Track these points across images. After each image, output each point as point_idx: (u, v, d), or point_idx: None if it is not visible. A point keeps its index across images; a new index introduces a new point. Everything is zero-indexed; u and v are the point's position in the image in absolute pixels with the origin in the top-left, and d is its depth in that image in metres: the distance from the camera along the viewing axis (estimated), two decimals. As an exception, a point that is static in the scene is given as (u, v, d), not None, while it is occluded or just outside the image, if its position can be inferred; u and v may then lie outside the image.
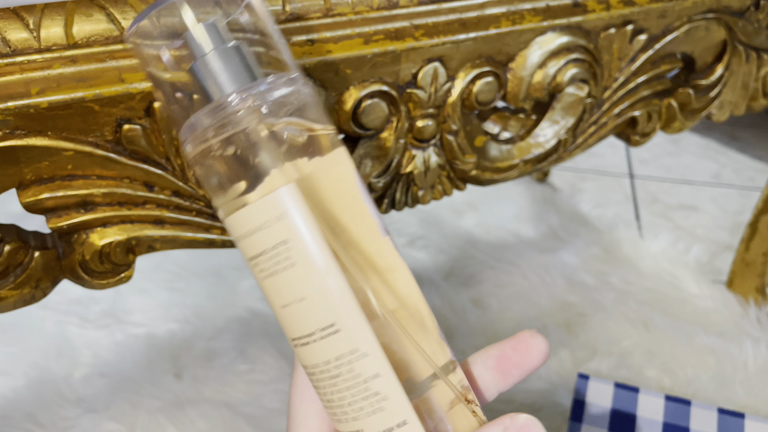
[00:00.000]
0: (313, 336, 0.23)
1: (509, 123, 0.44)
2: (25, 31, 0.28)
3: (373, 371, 0.23)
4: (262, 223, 0.23)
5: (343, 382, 0.23)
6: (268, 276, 0.23)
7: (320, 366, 0.23)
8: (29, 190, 0.31)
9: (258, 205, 0.23)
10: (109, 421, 0.58)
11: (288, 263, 0.23)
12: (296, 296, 0.23)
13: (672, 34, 0.44)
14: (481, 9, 0.37)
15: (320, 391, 0.24)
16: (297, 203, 0.23)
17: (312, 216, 0.23)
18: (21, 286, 0.33)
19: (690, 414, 0.46)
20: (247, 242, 0.23)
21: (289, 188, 0.23)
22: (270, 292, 0.24)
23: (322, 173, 0.24)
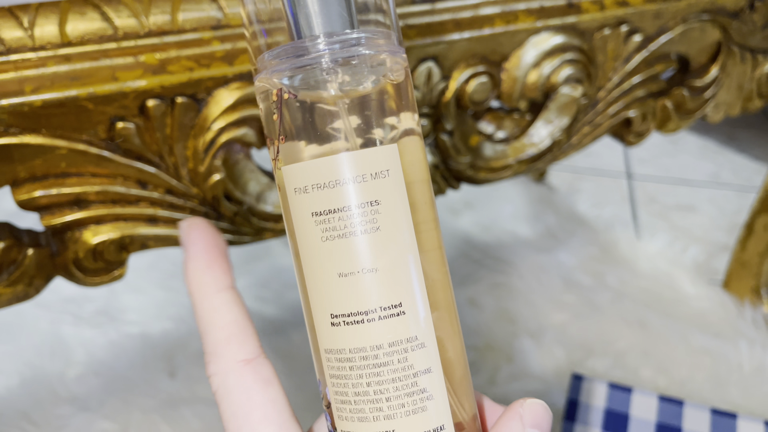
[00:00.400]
0: (371, 314, 0.21)
1: (504, 122, 0.44)
2: (20, 29, 0.28)
3: (426, 365, 0.21)
4: (355, 176, 0.20)
5: (390, 372, 0.21)
6: (338, 236, 0.21)
7: (366, 351, 0.21)
8: (23, 188, 0.31)
9: (356, 155, 0.20)
10: (103, 419, 0.58)
11: (371, 226, 0.20)
12: (367, 265, 0.21)
13: (667, 34, 0.44)
14: (475, 9, 0.37)
15: (346, 381, 0.21)
16: (397, 165, 0.21)
17: (404, 184, 0.21)
18: (14, 283, 0.33)
19: (683, 414, 0.46)
20: (321, 194, 0.21)
21: (393, 148, 0.21)
22: (330, 255, 0.21)
23: (409, 147, 0.22)
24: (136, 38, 0.30)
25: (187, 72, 0.31)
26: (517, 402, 0.22)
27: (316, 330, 0.22)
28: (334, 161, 0.20)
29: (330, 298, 0.21)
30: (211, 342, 0.23)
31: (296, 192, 0.21)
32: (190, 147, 0.34)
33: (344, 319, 0.21)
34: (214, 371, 0.23)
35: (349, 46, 0.21)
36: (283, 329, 0.68)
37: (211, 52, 0.31)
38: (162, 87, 0.31)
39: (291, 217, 0.22)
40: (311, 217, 0.21)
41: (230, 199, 0.36)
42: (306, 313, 0.23)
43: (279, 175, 0.22)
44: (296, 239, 0.22)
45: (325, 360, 0.22)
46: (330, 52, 0.21)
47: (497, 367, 0.63)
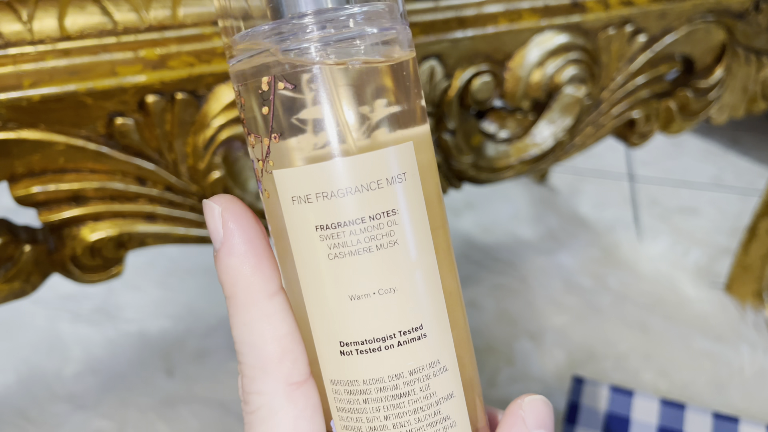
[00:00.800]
0: (389, 340, 0.18)
1: (507, 122, 0.44)
2: (18, 23, 0.28)
3: (448, 390, 0.19)
4: (369, 182, 0.17)
5: (411, 403, 0.19)
6: (349, 254, 0.18)
7: (384, 381, 0.18)
8: (21, 184, 0.31)
9: (369, 158, 0.17)
10: (100, 418, 0.58)
11: (388, 240, 0.18)
12: (384, 285, 0.18)
13: (671, 35, 0.43)
14: (479, 7, 0.37)
15: (360, 415, 0.19)
16: (414, 167, 0.18)
17: (421, 188, 0.18)
18: (11, 280, 0.32)
19: (684, 418, 0.46)
20: (328, 204, 0.17)
21: (408, 146, 0.18)
22: (339, 275, 0.18)
23: (422, 142, 0.19)
24: (136, 33, 0.30)
25: (187, 67, 0.31)
26: (515, 403, 0.20)
27: (319, 359, 0.19)
28: (343, 165, 0.17)
29: (339, 324, 0.18)
30: (258, 356, 0.19)
31: (294, 201, 0.18)
32: (189, 144, 0.33)
33: (357, 347, 0.18)
34: (260, 390, 0.19)
35: (347, 25, 0.18)
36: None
37: (212, 48, 0.31)
38: (162, 83, 0.31)
39: (285, 231, 0.19)
40: (315, 232, 0.18)
41: (230, 197, 0.36)
42: (306, 339, 0.20)
43: (268, 180, 0.19)
44: (293, 256, 0.19)
45: (332, 392, 0.19)
46: (324, 33, 0.17)
47: (497, 369, 0.63)
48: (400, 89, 0.19)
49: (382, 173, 0.18)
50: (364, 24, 0.18)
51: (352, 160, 0.17)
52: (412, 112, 0.19)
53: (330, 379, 0.19)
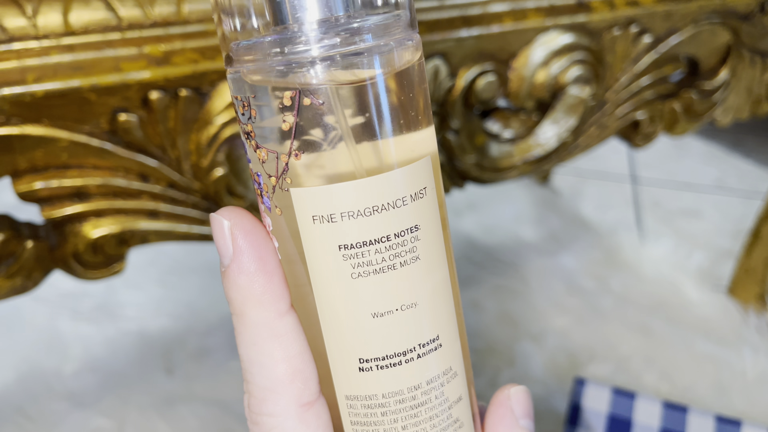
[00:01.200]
0: (409, 354, 0.18)
1: (510, 122, 0.43)
2: (23, 17, 0.28)
3: (458, 394, 0.20)
4: (395, 199, 0.17)
5: (427, 411, 0.19)
6: (372, 272, 0.18)
7: (403, 393, 0.19)
8: (24, 179, 0.31)
9: (396, 175, 0.17)
10: (99, 416, 0.57)
11: (411, 257, 0.18)
12: (406, 301, 0.18)
13: (676, 36, 0.43)
14: (484, 6, 0.37)
15: (377, 428, 0.19)
16: (432, 181, 0.18)
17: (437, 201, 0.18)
18: (12, 276, 0.32)
19: (687, 420, 0.45)
20: (353, 223, 0.17)
21: (427, 162, 0.18)
22: (362, 294, 0.18)
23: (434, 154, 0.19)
24: (140, 29, 0.30)
25: (191, 64, 0.31)
26: (502, 394, 0.21)
27: (333, 375, 0.19)
28: (370, 184, 0.17)
29: (360, 342, 0.18)
30: (268, 377, 0.19)
31: (315, 221, 0.17)
32: (192, 141, 0.33)
33: (378, 363, 0.18)
34: (270, 412, 0.19)
35: (359, 34, 0.17)
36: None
37: (216, 45, 0.31)
38: (166, 79, 0.30)
39: (300, 249, 0.18)
40: (338, 251, 0.17)
41: (232, 195, 0.36)
42: (314, 353, 0.20)
43: (282, 197, 0.18)
44: (310, 275, 0.18)
45: (347, 407, 0.19)
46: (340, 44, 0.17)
47: (498, 370, 0.63)
48: (416, 102, 0.18)
49: (407, 190, 0.17)
50: (381, 37, 0.18)
51: (376, 179, 0.17)
52: (424, 120, 0.19)
53: (345, 395, 0.19)
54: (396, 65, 0.18)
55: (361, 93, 0.17)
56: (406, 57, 0.18)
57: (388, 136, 0.18)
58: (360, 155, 0.17)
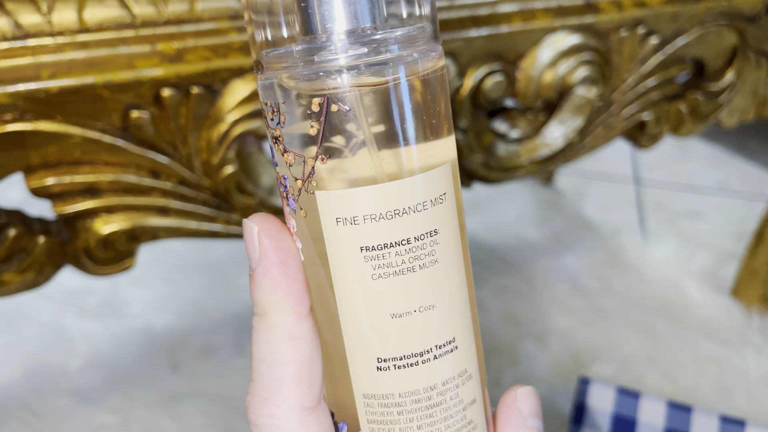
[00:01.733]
0: (426, 355, 0.19)
1: (518, 122, 0.44)
2: (38, 14, 0.28)
3: (472, 396, 0.20)
4: (418, 203, 0.18)
5: (442, 411, 0.19)
6: (393, 274, 0.18)
7: (419, 393, 0.19)
8: (36, 175, 0.31)
9: (418, 180, 0.18)
10: (105, 412, 0.58)
11: (430, 260, 0.18)
12: (424, 303, 0.19)
13: (683, 37, 0.44)
14: (493, 6, 0.37)
15: (393, 426, 0.20)
16: (452, 187, 0.19)
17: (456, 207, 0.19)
18: (24, 271, 0.32)
19: (691, 420, 0.46)
20: (375, 226, 0.18)
21: (447, 168, 0.19)
22: (383, 295, 0.18)
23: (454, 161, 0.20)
24: (154, 26, 0.30)
25: (203, 62, 0.31)
26: (509, 396, 0.22)
27: (351, 374, 0.20)
28: (392, 188, 0.18)
29: (379, 341, 0.19)
30: (275, 377, 0.19)
31: (339, 223, 0.18)
32: (203, 138, 0.33)
33: (395, 363, 0.19)
34: (272, 413, 0.19)
35: (386, 45, 0.18)
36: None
37: (229, 43, 0.31)
38: (178, 76, 0.31)
39: (323, 250, 0.19)
40: (359, 253, 0.18)
41: (242, 192, 0.36)
42: (334, 352, 0.20)
43: (307, 200, 0.18)
44: (332, 276, 0.19)
45: (364, 405, 0.20)
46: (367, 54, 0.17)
47: (502, 370, 0.63)
48: (437, 111, 0.19)
49: (427, 195, 0.18)
50: (406, 47, 0.18)
51: (398, 184, 0.18)
52: (445, 128, 0.19)
53: (363, 393, 0.20)
54: (420, 75, 0.18)
55: (386, 101, 0.18)
56: (429, 67, 0.19)
57: (410, 144, 0.18)
58: (382, 161, 0.18)
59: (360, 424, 0.20)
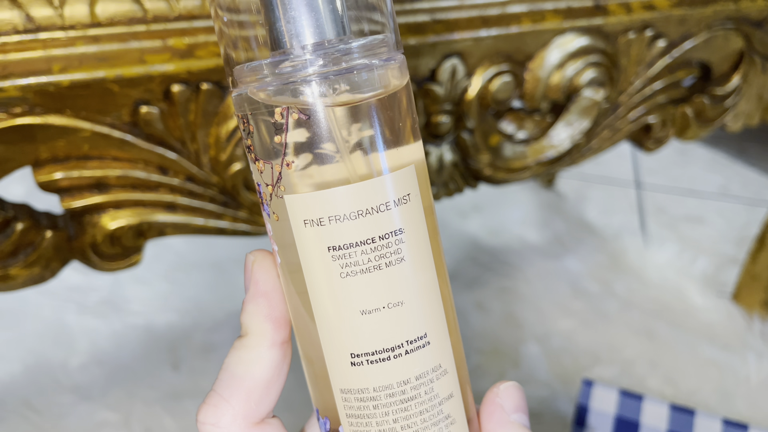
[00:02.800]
0: (397, 350, 0.20)
1: (525, 123, 0.44)
2: (50, 7, 0.28)
3: (449, 391, 0.20)
4: (379, 204, 0.19)
5: (417, 405, 0.20)
6: (360, 272, 0.19)
7: (393, 388, 0.20)
8: (45, 169, 0.31)
9: (378, 182, 0.19)
10: (105, 409, 0.58)
11: (396, 258, 0.19)
12: (392, 299, 0.19)
13: (690, 41, 0.44)
14: (503, 7, 0.37)
15: (369, 420, 0.20)
16: (416, 188, 0.19)
17: (422, 207, 0.20)
18: (31, 265, 0.32)
19: (694, 423, 0.46)
20: (340, 227, 0.19)
21: (411, 170, 0.19)
22: (351, 292, 0.19)
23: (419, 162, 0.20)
24: (165, 22, 0.30)
25: (214, 58, 0.31)
26: (492, 392, 0.22)
27: (329, 370, 0.20)
28: (353, 190, 0.18)
29: (350, 338, 0.20)
30: (229, 387, 0.20)
31: (306, 225, 0.19)
32: (212, 134, 0.33)
33: (367, 358, 0.20)
34: (215, 422, 0.20)
35: (345, 55, 0.19)
36: (289, 326, 0.68)
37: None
38: (189, 72, 0.31)
39: (295, 252, 0.20)
40: (327, 252, 0.19)
41: (249, 189, 0.36)
42: (312, 352, 0.21)
43: (278, 204, 0.19)
44: (304, 275, 0.20)
45: (342, 400, 0.20)
46: (324, 65, 0.18)
47: (503, 372, 0.63)
48: (399, 115, 0.20)
49: (389, 196, 0.19)
50: (364, 57, 0.19)
51: (360, 186, 0.18)
52: (409, 132, 0.20)
53: (340, 389, 0.20)
54: (381, 82, 0.19)
55: (348, 109, 0.19)
56: (390, 74, 0.19)
57: (375, 149, 0.19)
58: (346, 165, 0.19)
59: (340, 419, 0.21)
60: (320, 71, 0.18)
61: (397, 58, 0.20)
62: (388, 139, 0.19)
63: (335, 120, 0.18)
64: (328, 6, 0.19)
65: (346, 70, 0.18)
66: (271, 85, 0.19)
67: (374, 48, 0.19)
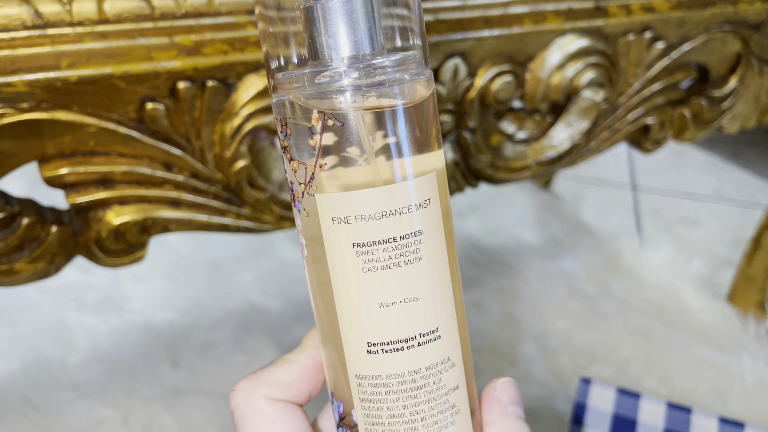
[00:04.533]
0: (410, 341, 0.21)
1: (525, 123, 0.44)
2: (58, 4, 0.28)
3: (455, 382, 0.22)
4: (401, 207, 0.20)
5: (425, 394, 0.22)
6: (380, 268, 0.21)
7: (404, 376, 0.21)
8: (51, 164, 0.31)
9: (401, 187, 0.20)
10: (104, 406, 0.58)
11: (414, 257, 0.21)
12: (409, 295, 0.21)
13: (689, 43, 0.44)
14: (505, 7, 0.37)
15: (381, 405, 0.22)
16: (436, 193, 0.21)
17: (441, 211, 0.21)
18: (36, 260, 0.33)
19: (691, 422, 0.46)
20: (365, 225, 0.20)
21: (432, 177, 0.21)
22: (370, 286, 0.21)
23: (440, 169, 0.22)
24: (172, 19, 0.30)
25: (220, 55, 0.31)
26: (489, 387, 0.23)
27: (345, 357, 0.22)
28: (379, 193, 0.20)
29: (368, 328, 0.21)
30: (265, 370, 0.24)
31: (334, 222, 0.21)
32: (217, 131, 0.34)
33: (383, 347, 0.21)
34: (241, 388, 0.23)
35: (378, 69, 0.20)
36: (288, 324, 0.68)
37: (246, 37, 0.32)
38: (195, 69, 0.31)
39: (322, 246, 0.21)
40: (351, 248, 0.21)
41: (253, 186, 0.36)
42: (330, 340, 0.23)
43: (309, 201, 0.21)
44: (329, 268, 0.21)
45: (356, 384, 0.22)
46: (358, 77, 0.20)
47: (501, 371, 0.63)
48: (424, 124, 0.21)
49: (411, 200, 0.20)
50: (395, 71, 0.21)
51: (385, 189, 0.20)
52: (433, 140, 0.22)
53: (355, 374, 0.22)
54: (409, 94, 0.21)
55: (378, 117, 0.20)
56: (418, 87, 0.21)
57: (399, 155, 0.21)
58: (372, 169, 0.20)
59: (353, 403, 0.22)
60: (354, 83, 0.20)
61: (425, 73, 0.21)
62: (413, 146, 0.21)
63: (365, 127, 0.20)
64: (365, 23, 0.20)
65: (378, 83, 0.20)
66: (309, 92, 0.20)
67: (405, 63, 0.21)
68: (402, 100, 0.20)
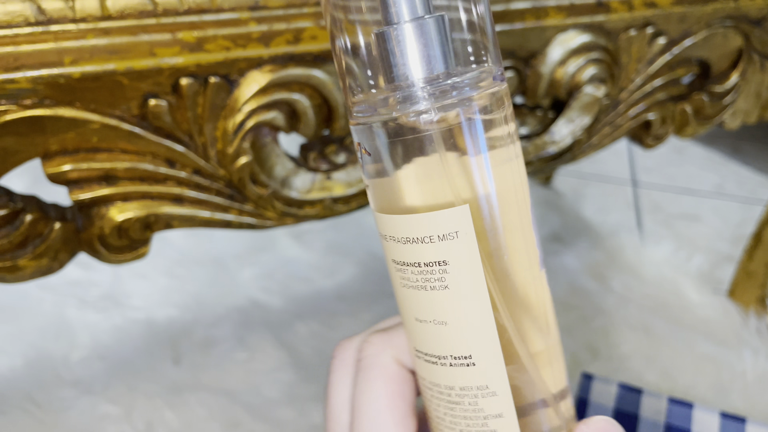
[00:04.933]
0: (443, 359, 0.21)
1: (526, 119, 0.44)
2: (61, 0, 0.28)
3: (497, 411, 0.21)
4: (425, 236, 0.20)
5: (461, 410, 0.22)
6: (411, 287, 0.21)
7: (441, 387, 0.22)
8: (54, 161, 0.31)
9: (424, 217, 0.20)
10: (107, 403, 0.58)
11: (439, 284, 0.21)
12: (437, 318, 0.21)
13: (690, 38, 0.44)
14: (507, 3, 0.37)
15: (430, 401, 0.23)
16: (466, 227, 0.20)
17: (477, 244, 0.20)
18: (39, 257, 0.33)
19: (692, 417, 0.46)
20: (398, 246, 0.21)
21: (462, 209, 0.20)
22: (407, 300, 0.22)
23: (497, 185, 0.21)
24: (175, 15, 0.30)
25: (223, 51, 0.31)
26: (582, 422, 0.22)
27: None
28: (405, 220, 0.21)
29: (412, 335, 0.22)
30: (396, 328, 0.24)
31: (383, 238, 0.22)
32: (219, 128, 0.34)
33: (423, 356, 0.22)
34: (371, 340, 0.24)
35: (453, 89, 0.20)
36: (289, 321, 0.68)
37: (248, 33, 0.32)
38: (197, 65, 0.31)
39: None
40: (392, 263, 0.22)
41: (256, 183, 0.36)
42: None
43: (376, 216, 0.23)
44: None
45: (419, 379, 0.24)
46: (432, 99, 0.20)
47: (502, 366, 0.63)
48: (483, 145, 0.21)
49: (435, 231, 0.20)
50: (471, 89, 0.20)
51: (406, 218, 0.21)
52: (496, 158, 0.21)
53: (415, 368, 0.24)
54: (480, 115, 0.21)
55: (450, 138, 0.20)
56: (492, 107, 0.21)
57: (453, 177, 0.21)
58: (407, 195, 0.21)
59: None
60: (427, 107, 0.20)
61: (500, 89, 0.21)
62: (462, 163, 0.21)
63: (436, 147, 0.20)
64: (438, 44, 0.20)
65: (452, 105, 0.20)
66: (382, 116, 0.21)
67: (481, 81, 0.21)
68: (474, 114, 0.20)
